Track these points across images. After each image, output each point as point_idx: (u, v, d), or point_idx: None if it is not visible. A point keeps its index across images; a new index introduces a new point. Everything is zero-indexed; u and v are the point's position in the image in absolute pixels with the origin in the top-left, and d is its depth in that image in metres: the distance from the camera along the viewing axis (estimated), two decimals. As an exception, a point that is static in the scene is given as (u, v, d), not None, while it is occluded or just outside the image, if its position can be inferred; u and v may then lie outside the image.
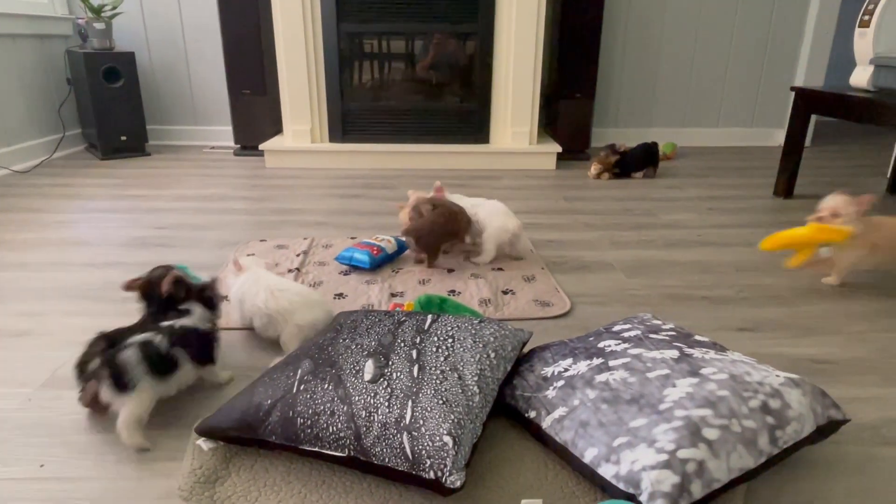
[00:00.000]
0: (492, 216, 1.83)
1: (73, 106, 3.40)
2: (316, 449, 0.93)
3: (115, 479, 0.94)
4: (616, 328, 1.14)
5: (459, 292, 1.62)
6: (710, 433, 0.83)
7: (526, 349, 1.17)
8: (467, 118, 3.17)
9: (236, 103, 3.27)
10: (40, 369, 1.24)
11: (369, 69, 3.20)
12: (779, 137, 3.73)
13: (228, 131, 3.60)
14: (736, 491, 0.87)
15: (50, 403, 1.13)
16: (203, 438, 0.99)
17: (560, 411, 0.96)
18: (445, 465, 0.85)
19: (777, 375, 0.95)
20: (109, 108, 3.17)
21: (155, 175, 2.93)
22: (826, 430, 0.95)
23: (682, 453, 0.80)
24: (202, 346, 1.14)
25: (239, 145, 3.40)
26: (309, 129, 3.13)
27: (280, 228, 2.15)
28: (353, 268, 1.76)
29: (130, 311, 1.50)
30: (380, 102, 3.18)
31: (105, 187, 2.69)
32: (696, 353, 1.00)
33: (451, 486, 0.84)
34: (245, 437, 0.97)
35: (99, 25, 3.09)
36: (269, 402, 0.97)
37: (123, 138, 3.26)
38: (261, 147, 3.13)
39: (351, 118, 3.16)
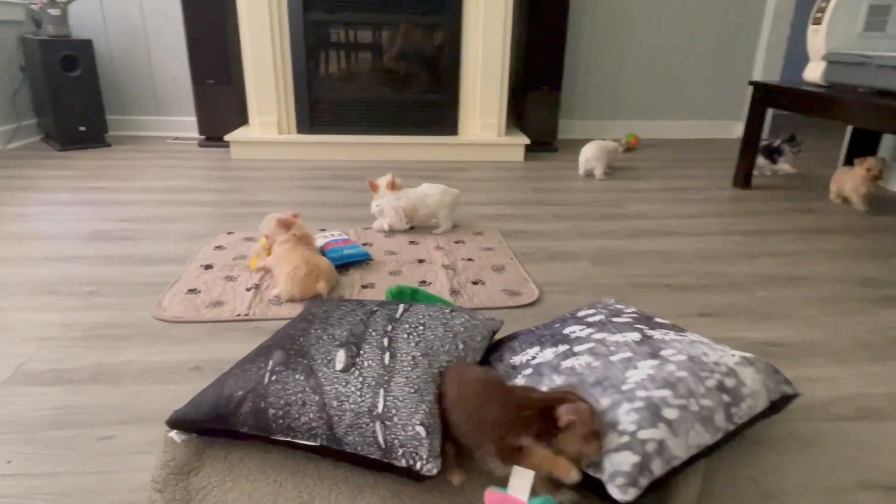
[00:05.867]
0: (433, 189, 2.02)
1: (28, 95, 3.28)
2: (288, 439, 0.94)
3: (86, 474, 0.93)
4: (581, 314, 1.18)
5: (430, 283, 1.64)
6: (670, 413, 0.87)
7: (498, 337, 1.20)
8: (436, 109, 3.18)
9: (200, 93, 3.21)
10: (3, 366, 1.21)
11: (336, 59, 3.18)
12: (739, 129, 3.84)
13: (192, 122, 3.53)
14: (696, 466, 0.92)
15: (15, 400, 1.11)
16: (175, 431, 0.99)
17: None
18: (419, 454, 0.87)
19: (732, 355, 1.00)
20: (67, 98, 3.07)
21: (116, 167, 2.86)
22: (779, 404, 1.00)
23: (643, 434, 0.84)
24: None
25: (203, 136, 3.34)
26: (276, 119, 3.09)
27: (248, 220, 2.12)
28: (347, 265, 1.72)
29: (95, 304, 1.48)
30: (348, 93, 3.16)
31: (64, 179, 2.62)
32: (657, 334, 1.04)
33: (427, 474, 0.86)
34: (217, 429, 0.97)
35: (54, 11, 2.99)
36: (240, 393, 0.98)
37: (82, 129, 3.16)
38: (226, 138, 3.08)
39: (319, 109, 3.13)
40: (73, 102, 3.09)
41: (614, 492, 0.81)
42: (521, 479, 0.81)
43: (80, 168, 2.81)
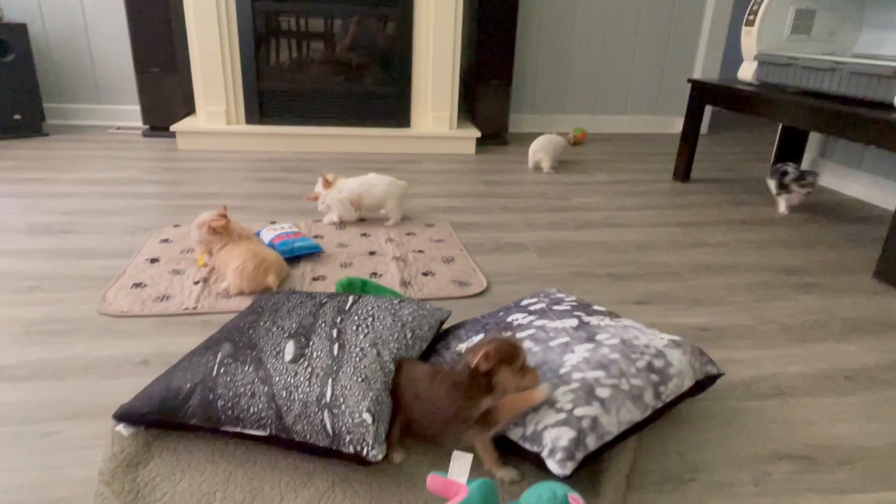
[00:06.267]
0: (380, 179, 2.03)
1: (-44, 80, 3.11)
2: (237, 430, 0.96)
3: (31, 470, 0.93)
4: (524, 303, 1.23)
5: (381, 274, 1.67)
6: (603, 392, 0.93)
7: (446, 326, 1.24)
8: (388, 102, 3.19)
9: (144, 81, 3.12)
10: (-64, 364, 1.18)
11: (287, 49, 3.14)
12: (680, 125, 4.00)
13: (136, 111, 3.43)
14: (628, 442, 0.99)
15: (-50, 398, 1.08)
16: (122, 424, 0.99)
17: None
18: (366, 441, 0.90)
19: (661, 338, 1.08)
20: (-1, 84, 2.93)
21: (55, 157, 2.75)
22: (704, 383, 1.08)
23: (578, 411, 0.90)
24: None
25: (148, 126, 3.25)
26: (224, 109, 3.04)
27: (195, 213, 2.07)
28: (297, 258, 1.73)
29: (36, 300, 1.44)
30: (299, 84, 3.13)
31: (-2, 170, 2.51)
32: (594, 320, 1.10)
33: (373, 459, 0.90)
34: (165, 421, 0.98)
35: (-16, -7, 2.85)
36: (188, 385, 0.99)
37: (17, 117, 3.03)
38: (172, 128, 3.01)
39: (268, 99, 3.09)
40: (6, 89, 2.95)
41: (553, 466, 0.87)
42: (461, 463, 0.85)
43: (16, 158, 2.70)
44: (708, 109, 3.92)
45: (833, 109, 1.94)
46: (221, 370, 1.00)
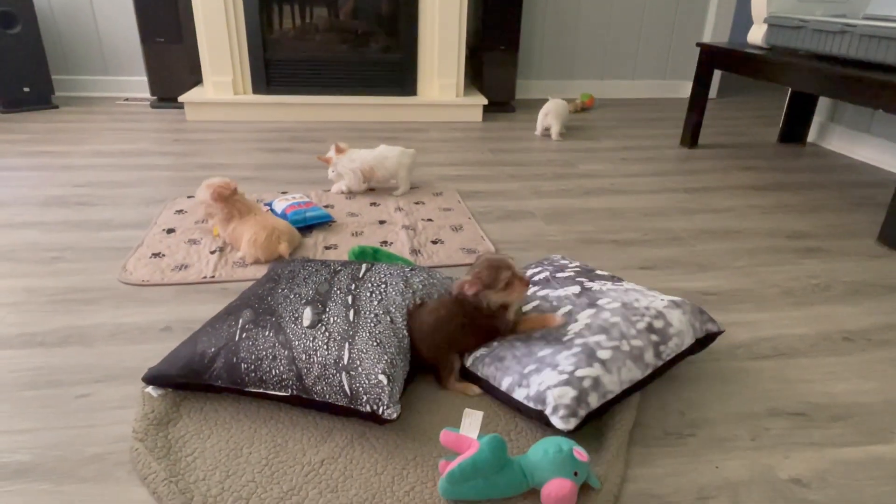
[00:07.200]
0: (391, 151, 2.06)
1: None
2: (261, 390, 1.01)
3: (67, 429, 0.99)
4: (528, 273, 1.27)
5: (391, 243, 1.71)
6: (604, 354, 0.97)
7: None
8: (394, 70, 3.18)
9: (150, 52, 3.12)
10: (-29, 331, 1.24)
11: (291, 17, 3.12)
12: (689, 89, 3.96)
13: (143, 82, 3.43)
14: (630, 399, 1.03)
15: (-13, 363, 1.14)
16: (151, 387, 1.05)
17: (481, 351, 1.09)
18: (381, 401, 0.95)
19: (661, 299, 1.12)
20: (7, 57, 2.94)
21: (66, 129, 2.78)
22: (704, 341, 1.12)
23: (580, 372, 0.94)
24: None
25: (156, 97, 3.26)
26: (230, 79, 3.04)
27: (208, 184, 2.13)
28: (309, 227, 1.77)
29: (59, 270, 1.50)
30: (305, 53, 3.12)
31: (12, 143, 2.54)
32: (596, 285, 1.14)
33: (388, 418, 0.95)
34: (192, 383, 1.03)
35: (-13, -36, 2.83)
36: (212, 349, 1.04)
37: (26, 89, 3.05)
38: (180, 99, 3.02)
39: (275, 69, 3.09)
40: (13, 62, 2.97)
41: (556, 422, 0.92)
42: (472, 419, 0.91)
43: (28, 131, 2.73)
44: (717, 73, 3.88)
45: (843, 73, 1.93)
46: (243, 335, 1.05)
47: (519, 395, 0.98)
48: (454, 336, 1.08)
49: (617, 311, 1.05)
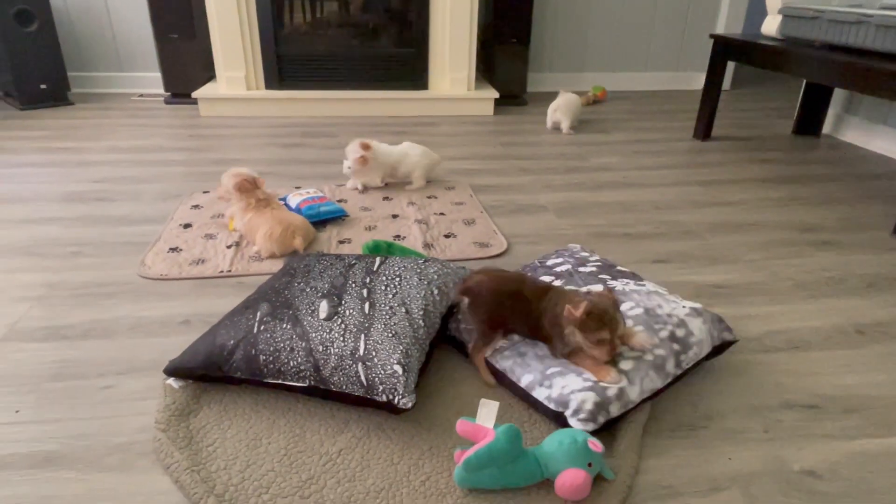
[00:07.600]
0: (414, 150, 2.09)
1: (-18, 51, 3.17)
2: (279, 381, 1.03)
3: (92, 419, 1.01)
4: (549, 262, 1.28)
5: (404, 237, 1.72)
6: (626, 364, 0.99)
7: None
8: (406, 64, 3.18)
9: (164, 48, 3.15)
10: (-4, 324, 1.27)
11: (302, 12, 3.13)
12: (702, 81, 3.93)
13: (157, 78, 3.47)
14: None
15: (13, 356, 1.17)
16: (172, 378, 1.07)
17: (502, 343, 1.10)
18: (397, 390, 0.97)
19: (683, 306, 1.12)
20: (24, 55, 2.98)
21: (83, 126, 2.82)
22: (720, 349, 1.14)
23: (604, 382, 0.96)
24: None
25: (170, 93, 3.29)
26: (243, 75, 3.06)
27: (223, 179, 2.15)
28: (323, 222, 1.79)
29: (79, 265, 1.53)
30: (317, 48, 3.14)
31: (30, 140, 2.58)
32: (618, 285, 1.15)
33: (404, 407, 0.97)
34: (212, 375, 1.06)
35: (4, -37, 2.87)
36: (231, 342, 1.06)
37: (43, 87, 3.09)
38: (194, 95, 3.05)
39: (287, 64, 3.11)
40: (31, 59, 3.01)
41: (574, 423, 0.94)
42: (488, 409, 0.92)
43: (46, 128, 2.77)
44: (730, 65, 3.85)
45: (859, 64, 1.91)
46: (262, 328, 1.07)
47: (539, 394, 1.00)
48: (509, 308, 1.10)
49: (640, 319, 1.06)
